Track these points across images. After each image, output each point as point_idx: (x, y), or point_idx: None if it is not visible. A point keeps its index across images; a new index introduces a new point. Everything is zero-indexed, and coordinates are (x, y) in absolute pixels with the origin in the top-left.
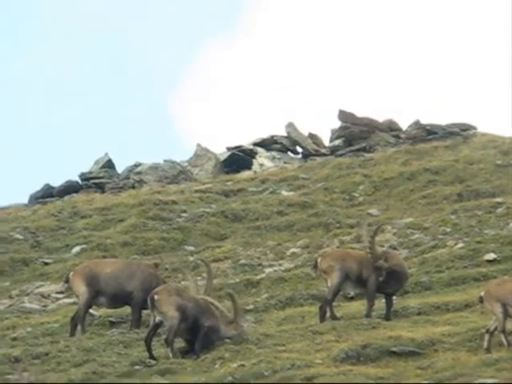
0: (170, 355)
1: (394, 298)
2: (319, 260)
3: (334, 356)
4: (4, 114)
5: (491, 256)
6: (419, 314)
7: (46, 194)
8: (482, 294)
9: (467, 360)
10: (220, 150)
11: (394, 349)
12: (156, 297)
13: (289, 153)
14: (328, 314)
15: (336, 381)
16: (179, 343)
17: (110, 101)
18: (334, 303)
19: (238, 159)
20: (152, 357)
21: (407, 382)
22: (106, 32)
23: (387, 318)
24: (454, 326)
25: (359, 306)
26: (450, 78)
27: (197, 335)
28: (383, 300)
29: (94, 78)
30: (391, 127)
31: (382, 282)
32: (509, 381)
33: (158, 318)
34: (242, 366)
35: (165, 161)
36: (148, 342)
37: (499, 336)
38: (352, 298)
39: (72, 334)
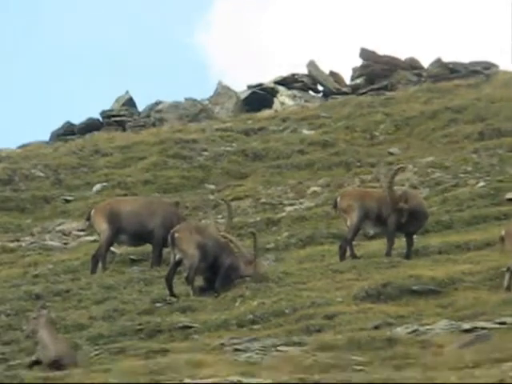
0: (191, 293)
1: (415, 236)
2: (339, 199)
3: (354, 294)
4: (25, 49)
5: None
6: (440, 252)
7: (67, 132)
8: (503, 233)
9: (488, 298)
10: (241, 88)
11: (414, 287)
12: (176, 235)
13: (310, 91)
14: (348, 253)
15: (356, 319)
16: (198, 281)
17: (131, 37)
18: (354, 242)
19: (259, 98)
20: (173, 294)
21: (427, 321)
22: None
23: (407, 256)
24: (474, 265)
25: (379, 244)
26: (473, 16)
27: (217, 273)
28: (403, 239)
29: (116, 15)
30: (413, 65)
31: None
32: None
33: (178, 256)
34: (263, 303)
35: (185, 99)
36: (169, 280)
37: None
38: (372, 237)
39: (93, 271)
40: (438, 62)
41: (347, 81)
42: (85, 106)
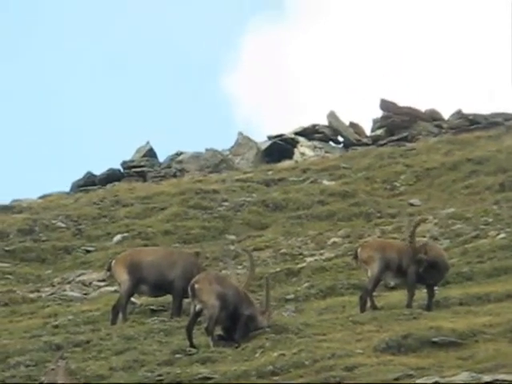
0: (211, 344)
1: (436, 288)
2: (359, 250)
3: (374, 346)
4: (45, 101)
5: None
6: (460, 304)
7: (88, 182)
8: None
9: (508, 351)
10: (261, 138)
11: (434, 339)
12: (196, 286)
13: (330, 142)
14: (368, 304)
15: (376, 371)
16: (217, 331)
17: (151, 88)
18: (375, 293)
19: (279, 148)
20: (193, 345)
21: (448, 373)
22: (147, 15)
23: (428, 308)
24: (495, 317)
25: (400, 296)
26: (493, 67)
27: (236, 323)
28: (424, 290)
29: (138, 65)
30: (433, 117)
31: (423, 272)
32: None
33: (198, 307)
34: (283, 355)
35: (206, 150)
36: (189, 331)
37: None
38: (393, 288)
39: (113, 322)
40: (459, 114)
41: (367, 132)
42: (106, 157)
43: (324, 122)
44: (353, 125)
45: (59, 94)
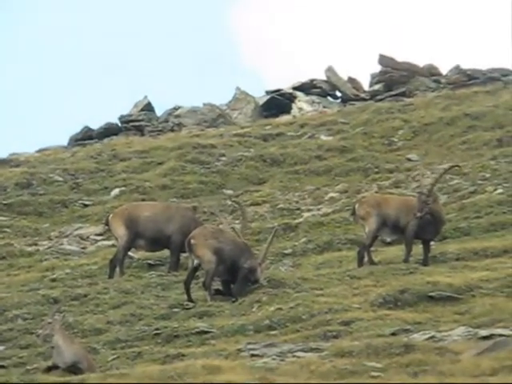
0: (208, 298)
1: (433, 243)
2: (357, 206)
3: (371, 301)
4: (45, 53)
5: None
6: (457, 259)
7: (86, 137)
8: None
9: (505, 306)
10: (259, 93)
11: (431, 294)
12: (192, 241)
13: (328, 97)
14: (366, 259)
15: (373, 325)
16: (216, 285)
17: (150, 42)
18: (372, 248)
19: (277, 103)
20: (190, 299)
21: (444, 328)
22: None
23: (425, 263)
24: (492, 272)
25: (397, 251)
26: (491, 22)
27: (236, 276)
28: (421, 245)
29: (136, 19)
30: (431, 72)
31: (420, 228)
32: None
33: (195, 262)
34: (280, 309)
35: (204, 104)
36: (187, 285)
37: None
38: (390, 243)
39: (111, 276)
40: (457, 69)
41: (365, 87)
42: (103, 111)
43: (322, 76)
44: (351, 80)
45: (57, 47)
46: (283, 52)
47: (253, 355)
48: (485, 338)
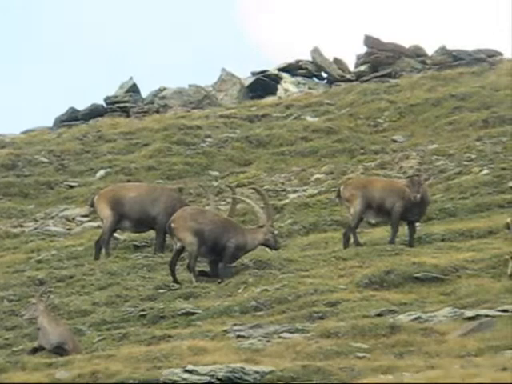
0: (193, 280)
1: (418, 224)
2: (342, 188)
3: (357, 281)
4: (29, 36)
5: None
6: (443, 240)
7: (71, 118)
8: (509, 220)
9: (490, 286)
10: (245, 74)
11: (417, 275)
12: (172, 225)
13: (314, 78)
14: (351, 240)
15: (359, 306)
16: (204, 267)
17: (136, 24)
18: (358, 229)
19: (263, 84)
20: (176, 281)
21: (430, 308)
22: None
23: (410, 244)
24: (477, 253)
25: (383, 232)
26: (478, 3)
27: (222, 255)
28: (406, 227)
29: (120, 1)
30: (417, 53)
31: (406, 209)
32: None
33: (178, 244)
34: (266, 290)
35: (189, 85)
36: (172, 267)
37: None
38: (375, 225)
39: (96, 257)
40: (443, 50)
41: (351, 68)
42: (89, 92)
43: (308, 57)
44: (336, 61)
45: (43, 27)
46: (269, 33)
47: (239, 336)
48: (470, 318)
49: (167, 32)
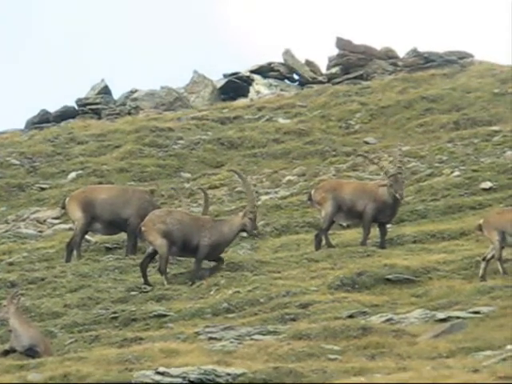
0: (165, 282)
1: (390, 226)
2: (313, 192)
3: (328, 283)
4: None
5: (487, 184)
6: (414, 241)
7: (43, 120)
8: (481, 221)
9: (462, 288)
10: (217, 76)
11: (388, 276)
12: (143, 228)
13: (285, 80)
14: (323, 242)
15: (331, 308)
16: (176, 270)
17: (107, 24)
18: (330, 231)
19: (235, 86)
20: (147, 283)
21: (402, 310)
22: None
23: (382, 246)
24: (449, 254)
25: (354, 234)
26: (448, 5)
27: (195, 255)
28: (378, 228)
29: (92, 2)
30: (388, 55)
31: (378, 211)
32: (503, 309)
33: (151, 248)
34: (238, 292)
35: (161, 87)
36: (143, 268)
37: (495, 264)
38: (347, 227)
39: (68, 259)
40: (414, 52)
41: (323, 70)
42: (60, 94)
43: (279, 59)
44: (308, 63)
45: (13, 28)
46: (241, 36)
47: (211, 338)
48: (442, 320)
49: (138, 34)
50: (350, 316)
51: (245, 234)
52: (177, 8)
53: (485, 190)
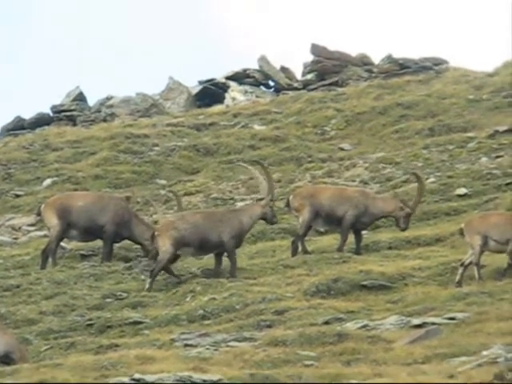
0: (146, 286)
1: (365, 232)
2: (291, 198)
3: (304, 290)
4: None
5: (462, 191)
6: (390, 248)
7: (17, 126)
8: (462, 225)
9: (437, 294)
10: (192, 83)
11: (364, 283)
12: (156, 233)
13: (261, 87)
14: (300, 249)
15: (306, 314)
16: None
17: (82, 31)
18: (306, 237)
19: (211, 93)
20: (176, 276)
21: (377, 316)
22: None
23: (357, 252)
24: (424, 260)
25: (330, 240)
26: (423, 12)
27: (224, 251)
28: (354, 235)
29: (67, 8)
30: (364, 61)
31: (357, 218)
32: (478, 315)
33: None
34: (213, 299)
35: (137, 94)
36: (168, 271)
37: (471, 269)
38: (323, 233)
39: (43, 266)
40: (389, 58)
41: (298, 76)
42: (35, 101)
43: (255, 66)
44: (284, 69)
45: None
46: (215, 42)
47: (186, 345)
48: (417, 326)
49: (113, 40)
50: (326, 322)
51: None
52: (152, 15)
53: (460, 196)
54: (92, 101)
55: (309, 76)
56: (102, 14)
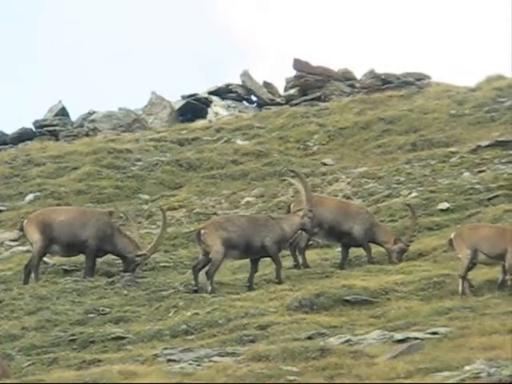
0: (208, 288)
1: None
2: (292, 206)
3: (287, 304)
4: None
5: (445, 205)
6: (372, 262)
7: (0, 141)
8: (452, 236)
9: (420, 309)
10: (175, 98)
11: (347, 297)
12: (203, 231)
13: (244, 102)
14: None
15: (289, 329)
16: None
17: (64, 46)
18: (288, 252)
19: (193, 108)
20: (197, 283)
21: (360, 331)
22: None
23: (341, 266)
24: (406, 275)
25: (313, 255)
26: (404, 27)
27: (267, 255)
28: (337, 249)
29: (49, 23)
30: (346, 76)
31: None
32: (461, 329)
33: (201, 255)
34: (196, 314)
35: (119, 109)
36: (195, 272)
37: (452, 285)
38: (306, 248)
39: (25, 281)
40: (371, 73)
41: (281, 91)
42: (17, 116)
43: (238, 81)
44: (266, 84)
45: None
46: (198, 58)
47: (169, 360)
48: (400, 341)
49: (95, 55)
50: (309, 337)
51: None
52: (134, 30)
53: (442, 210)
54: (74, 116)
55: (291, 91)
56: (84, 29)
